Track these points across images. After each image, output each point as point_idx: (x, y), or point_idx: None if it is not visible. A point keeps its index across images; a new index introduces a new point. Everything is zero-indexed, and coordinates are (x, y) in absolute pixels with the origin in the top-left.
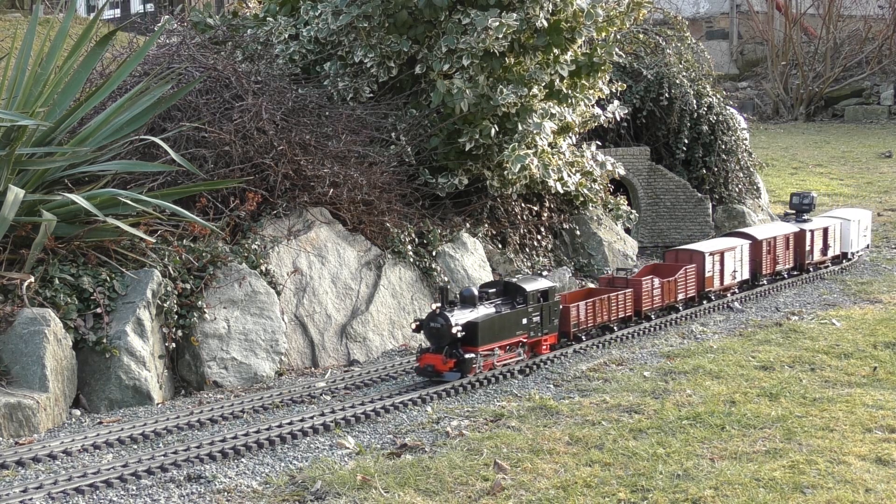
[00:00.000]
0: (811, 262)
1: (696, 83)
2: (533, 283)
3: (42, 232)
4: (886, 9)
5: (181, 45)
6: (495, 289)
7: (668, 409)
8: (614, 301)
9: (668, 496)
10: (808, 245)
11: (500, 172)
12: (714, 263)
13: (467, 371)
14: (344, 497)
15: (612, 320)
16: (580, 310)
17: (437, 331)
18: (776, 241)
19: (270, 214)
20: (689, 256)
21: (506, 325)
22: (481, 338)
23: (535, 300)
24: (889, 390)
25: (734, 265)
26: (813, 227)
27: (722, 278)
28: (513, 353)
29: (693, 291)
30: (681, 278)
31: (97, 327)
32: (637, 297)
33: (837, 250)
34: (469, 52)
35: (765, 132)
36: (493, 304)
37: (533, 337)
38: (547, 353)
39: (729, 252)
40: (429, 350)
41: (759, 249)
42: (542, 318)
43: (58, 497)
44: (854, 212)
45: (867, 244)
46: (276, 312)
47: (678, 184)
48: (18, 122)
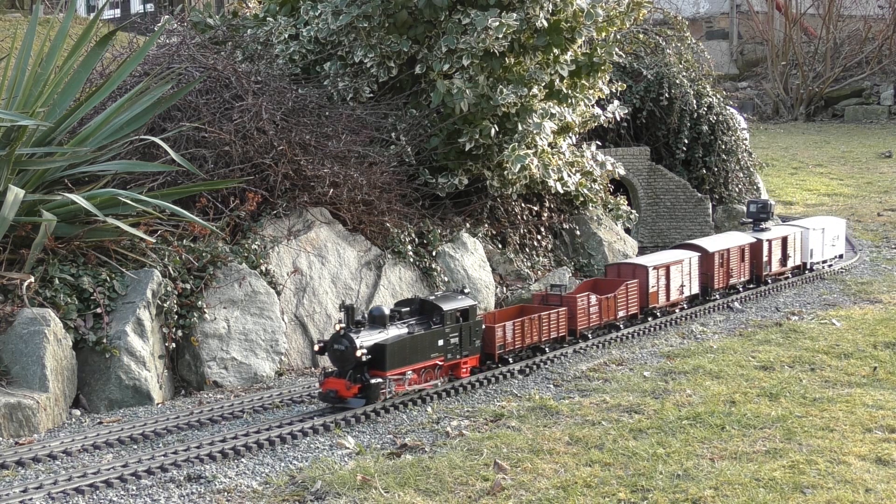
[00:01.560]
0: (769, 274)
1: (696, 83)
2: (451, 301)
3: (42, 232)
4: (886, 9)
5: (181, 45)
6: (410, 308)
7: (668, 409)
8: (545, 320)
9: (668, 496)
10: (766, 256)
11: (500, 172)
12: (659, 278)
13: (374, 397)
14: (344, 497)
15: (543, 341)
16: (506, 330)
17: (341, 353)
18: (729, 253)
19: (270, 214)
20: (632, 271)
21: (419, 346)
22: (390, 361)
23: (453, 320)
24: (889, 390)
25: (682, 279)
26: (771, 236)
27: (668, 293)
28: (427, 377)
29: (635, 308)
30: (621, 294)
31: (97, 327)
32: (572, 316)
33: (798, 261)
34: (469, 52)
35: (765, 132)
36: (405, 325)
37: (450, 359)
38: (466, 376)
39: (675, 265)
40: (333, 373)
41: (710, 262)
42: (461, 339)
43: (58, 497)
44: (822, 220)
45: (838, 254)
46: (276, 312)
47: (678, 184)
48: (18, 122)
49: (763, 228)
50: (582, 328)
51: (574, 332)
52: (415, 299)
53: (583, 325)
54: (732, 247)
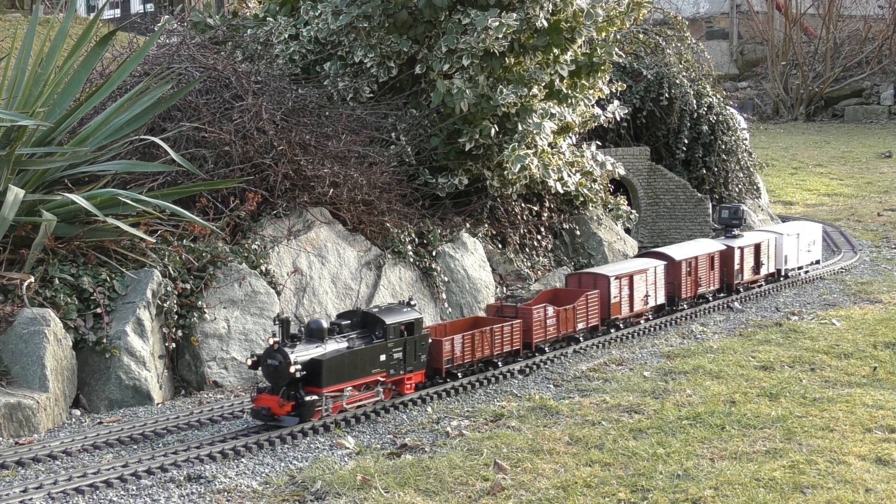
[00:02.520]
0: (740, 283)
1: (696, 83)
2: (395, 314)
3: (42, 232)
4: (886, 9)
5: (181, 45)
6: (351, 320)
7: (668, 409)
8: (498, 333)
9: (668, 496)
10: (737, 263)
11: (500, 172)
12: (621, 288)
13: (308, 415)
14: (344, 497)
15: (495, 355)
16: (455, 344)
17: (275, 369)
18: (697, 262)
19: (270, 214)
20: (593, 281)
21: (359, 362)
22: (327, 377)
23: (396, 334)
24: (889, 390)
25: (646, 289)
26: (742, 243)
27: (631, 304)
28: (368, 394)
29: (596, 320)
30: (581, 305)
31: (97, 327)
32: (527, 328)
33: (772, 268)
34: (469, 52)
35: (765, 132)
36: (345, 339)
37: (393, 375)
38: (411, 392)
39: (639, 275)
40: (266, 390)
41: (677, 271)
42: (405, 353)
43: (58, 497)
44: (797, 225)
45: (814, 259)
46: (277, 312)
47: (678, 184)
48: (18, 122)
49: (735, 235)
50: (538, 341)
51: (529, 346)
52: (357, 311)
53: (539, 338)
54: (701, 255)
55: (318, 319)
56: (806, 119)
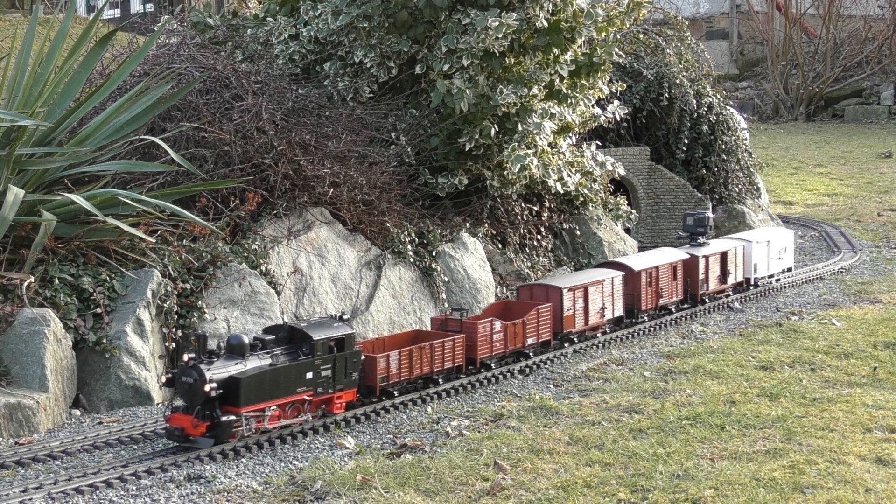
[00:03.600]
0: (706, 293)
1: (696, 83)
2: (324, 329)
3: (42, 232)
4: (886, 9)
5: (181, 45)
6: (277, 336)
7: (668, 409)
8: (438, 349)
9: (668, 496)
10: (702, 273)
11: (500, 172)
12: (575, 300)
13: (225, 437)
14: (344, 497)
15: (435, 372)
16: (390, 360)
17: (189, 387)
18: (658, 272)
19: (270, 214)
20: (545, 293)
21: (282, 380)
22: (246, 396)
23: (324, 350)
24: (889, 390)
25: (602, 301)
26: (708, 252)
27: (586, 317)
28: (294, 414)
29: (547, 334)
30: (531, 319)
31: (97, 327)
32: (471, 344)
33: (740, 276)
34: (469, 52)
35: (765, 132)
36: (269, 355)
37: (321, 394)
38: (341, 412)
39: (595, 286)
40: (181, 408)
41: (636, 281)
42: (334, 371)
43: (58, 497)
44: (767, 232)
45: (786, 267)
46: (276, 312)
47: (678, 184)
48: (18, 122)
49: (700, 243)
50: (483, 357)
51: (474, 362)
52: (283, 326)
53: (484, 353)
54: (662, 264)
55: (238, 334)
56: (806, 119)
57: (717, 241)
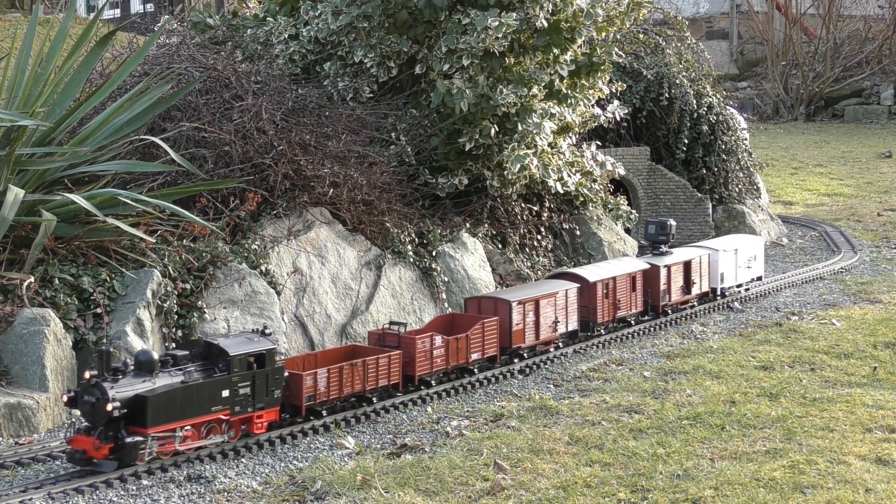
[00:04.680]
0: (668, 304)
1: (696, 83)
2: (242, 344)
3: (42, 232)
4: (886, 9)
5: (181, 45)
6: (191, 351)
7: (668, 409)
8: (372, 366)
9: (668, 496)
10: (663, 283)
11: (500, 172)
12: (525, 314)
13: (130, 459)
14: (344, 497)
15: (368, 390)
16: (318, 378)
17: (91, 407)
18: (616, 283)
19: (270, 214)
20: (494, 306)
21: (195, 398)
22: (153, 416)
23: (242, 366)
24: (889, 390)
25: (555, 314)
26: (670, 261)
27: (537, 331)
28: (208, 434)
29: (493, 349)
30: (476, 334)
31: (97, 327)
32: (409, 360)
33: (705, 286)
34: (469, 52)
35: (765, 132)
36: (181, 371)
37: (240, 413)
38: (262, 432)
39: (547, 299)
40: (84, 429)
41: (592, 293)
42: (254, 388)
43: (58, 497)
44: (735, 240)
45: (756, 276)
46: (276, 312)
47: (678, 184)
48: (18, 122)
49: (663, 252)
50: (422, 374)
51: (412, 379)
52: (199, 341)
53: (423, 370)
54: (620, 275)
55: (147, 350)
56: (806, 119)
57: (680, 249)
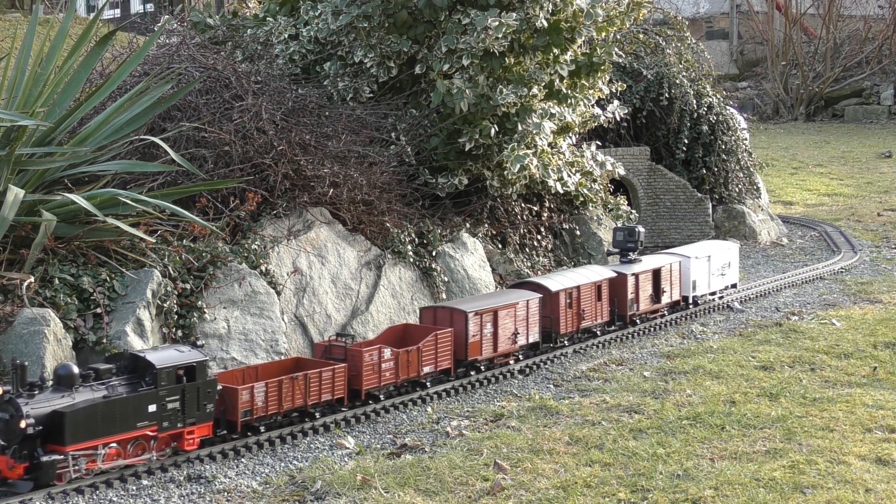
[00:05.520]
0: (636, 314)
1: (696, 83)
2: (171, 356)
3: (42, 232)
4: (886, 9)
5: (181, 45)
6: (117, 364)
7: (668, 409)
8: (315, 379)
9: (668, 496)
10: (631, 292)
11: (500, 172)
12: (482, 325)
13: (48, 479)
14: (344, 497)
15: (310, 405)
16: (255, 392)
17: (5, 424)
18: (580, 292)
19: (270, 214)
20: (449, 316)
21: (118, 414)
22: (72, 433)
23: (170, 380)
24: (889, 390)
25: (515, 325)
26: (639, 269)
27: (495, 343)
28: (135, 452)
29: (447, 362)
30: (428, 346)
31: (97, 327)
32: (356, 373)
33: (676, 295)
34: (469, 52)
35: (765, 132)
36: (104, 386)
37: (168, 429)
38: (194, 448)
39: (506, 310)
40: None
41: (554, 303)
42: (184, 403)
43: (58, 497)
44: (708, 246)
45: (730, 283)
46: (276, 312)
47: (678, 184)
48: (18, 122)
49: (631, 260)
50: (370, 388)
51: (358, 393)
52: (124, 354)
53: (371, 384)
54: (584, 284)
55: (67, 364)
56: (806, 119)
57: (650, 256)
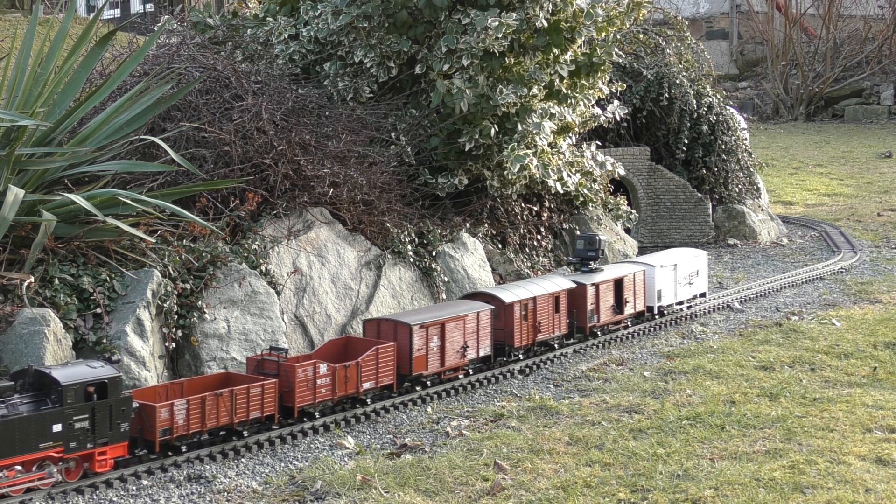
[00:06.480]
0: (596, 325)
1: (696, 83)
2: (79, 373)
3: (42, 232)
4: (886, 9)
5: (181, 45)
6: (18, 381)
7: (668, 409)
8: (242, 396)
9: (668, 496)
10: (591, 303)
11: (499, 172)
12: (428, 338)
13: None
14: (344, 497)
15: (237, 423)
16: (175, 410)
17: None
18: (536, 303)
19: (270, 214)
20: (393, 329)
21: (17, 434)
22: None
23: (78, 397)
24: (889, 390)
25: (464, 338)
26: (599, 279)
27: (442, 357)
28: (38, 475)
29: (389, 377)
30: (368, 361)
31: (97, 327)
32: (289, 389)
33: (641, 305)
34: (469, 52)
35: (765, 132)
36: (3, 404)
37: (76, 450)
38: (107, 470)
39: (454, 322)
40: None
41: (508, 315)
42: (94, 422)
43: (58, 497)
44: (675, 254)
45: (699, 292)
46: (276, 312)
47: (678, 184)
48: (18, 122)
49: (592, 269)
50: (304, 404)
51: (291, 410)
52: (29, 370)
53: (305, 401)
54: (540, 295)
55: None
56: (806, 119)
57: (612, 266)
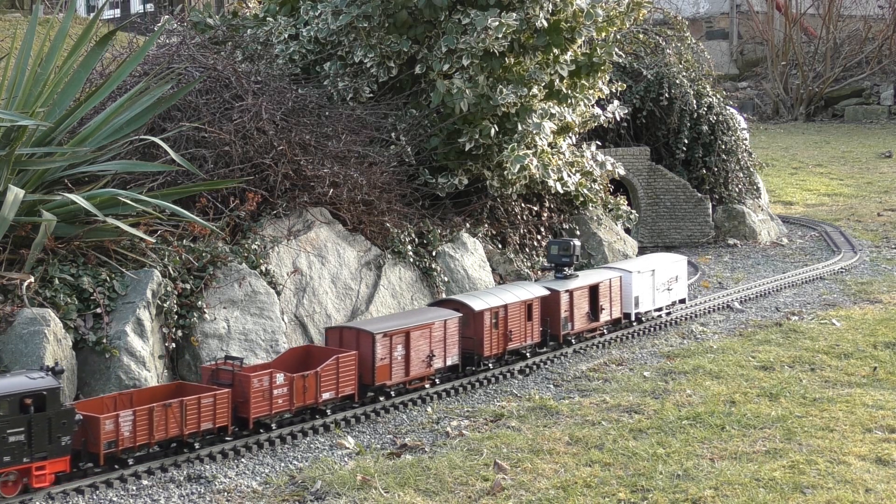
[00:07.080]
0: (570, 333)
1: (695, 83)
2: (14, 384)
3: (42, 232)
4: (886, 9)
5: (181, 45)
6: None
7: (668, 409)
8: (192, 407)
9: (668, 496)
10: (564, 310)
11: (499, 172)
12: (392, 347)
13: None
14: (344, 497)
15: (188, 434)
16: (121, 422)
17: None
18: (507, 311)
19: (270, 214)
20: (355, 338)
21: None
22: None
23: (13, 410)
24: (889, 390)
25: (430, 348)
26: (573, 286)
27: (407, 367)
28: None
29: (350, 388)
30: (328, 370)
31: (97, 327)
32: (243, 400)
33: (616, 312)
34: (469, 52)
35: (765, 132)
36: None
37: (11, 464)
38: (47, 485)
39: (420, 330)
40: None
41: (478, 323)
42: (30, 435)
43: (58, 497)
44: (653, 259)
45: (678, 298)
46: (276, 312)
47: (678, 184)
48: (18, 122)
49: (566, 275)
50: (259, 416)
51: (246, 422)
52: None
53: (260, 412)
54: (512, 302)
55: None
56: (806, 119)
57: (587, 272)
